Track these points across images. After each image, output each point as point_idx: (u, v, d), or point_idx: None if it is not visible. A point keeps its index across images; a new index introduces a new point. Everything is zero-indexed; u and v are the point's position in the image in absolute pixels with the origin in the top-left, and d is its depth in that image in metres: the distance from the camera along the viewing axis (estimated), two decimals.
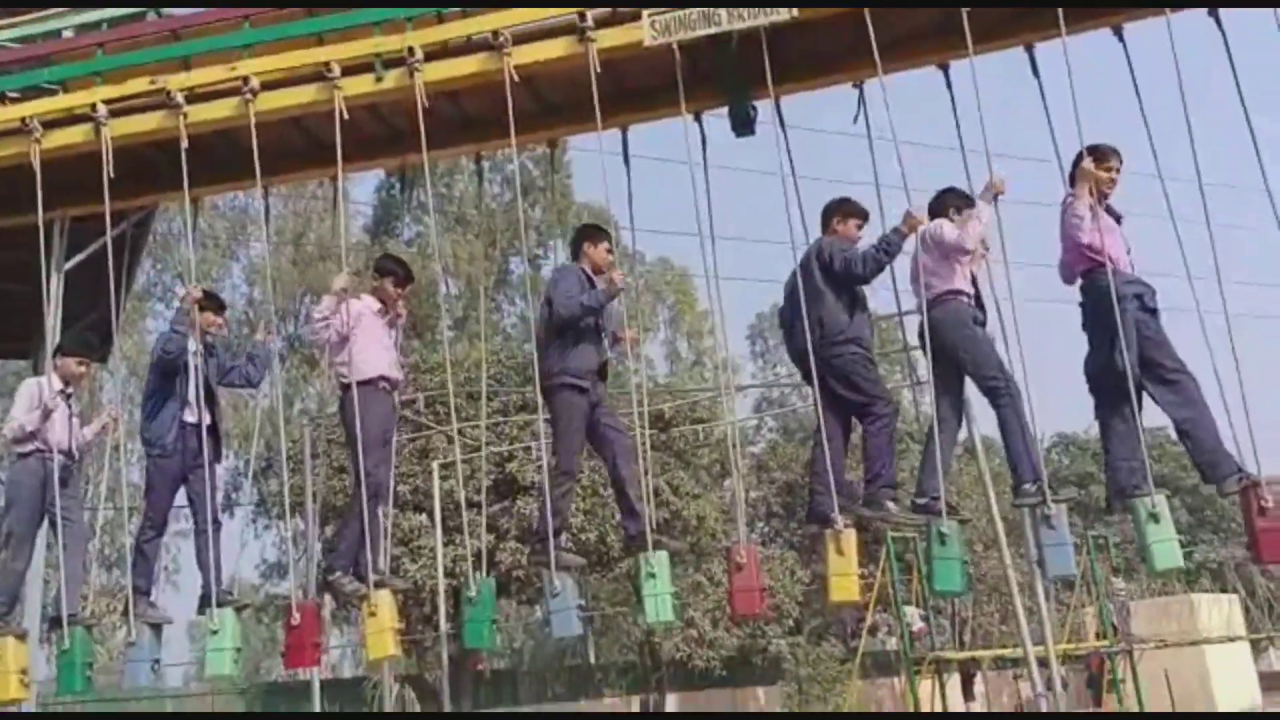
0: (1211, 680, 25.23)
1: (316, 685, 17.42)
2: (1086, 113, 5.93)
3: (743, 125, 6.84)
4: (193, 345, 6.76)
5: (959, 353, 6.17)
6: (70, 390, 7.18)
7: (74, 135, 6.81)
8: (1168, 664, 23.83)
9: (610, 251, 6.69)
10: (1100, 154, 6.07)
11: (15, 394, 7.37)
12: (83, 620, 6.68)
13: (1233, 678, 25.97)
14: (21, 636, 6.58)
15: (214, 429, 6.87)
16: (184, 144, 6.51)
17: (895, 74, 6.48)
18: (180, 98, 6.51)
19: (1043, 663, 14.83)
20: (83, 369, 7.33)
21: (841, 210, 6.53)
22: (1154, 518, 5.42)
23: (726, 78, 6.58)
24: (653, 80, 6.64)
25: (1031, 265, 9.26)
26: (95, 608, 8.85)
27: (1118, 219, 6.18)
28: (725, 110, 6.81)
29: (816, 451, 6.14)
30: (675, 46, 6.11)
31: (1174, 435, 6.22)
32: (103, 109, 6.64)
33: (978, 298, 6.34)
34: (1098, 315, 5.91)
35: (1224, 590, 30.10)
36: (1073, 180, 6.06)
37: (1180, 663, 24.26)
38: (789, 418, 36.25)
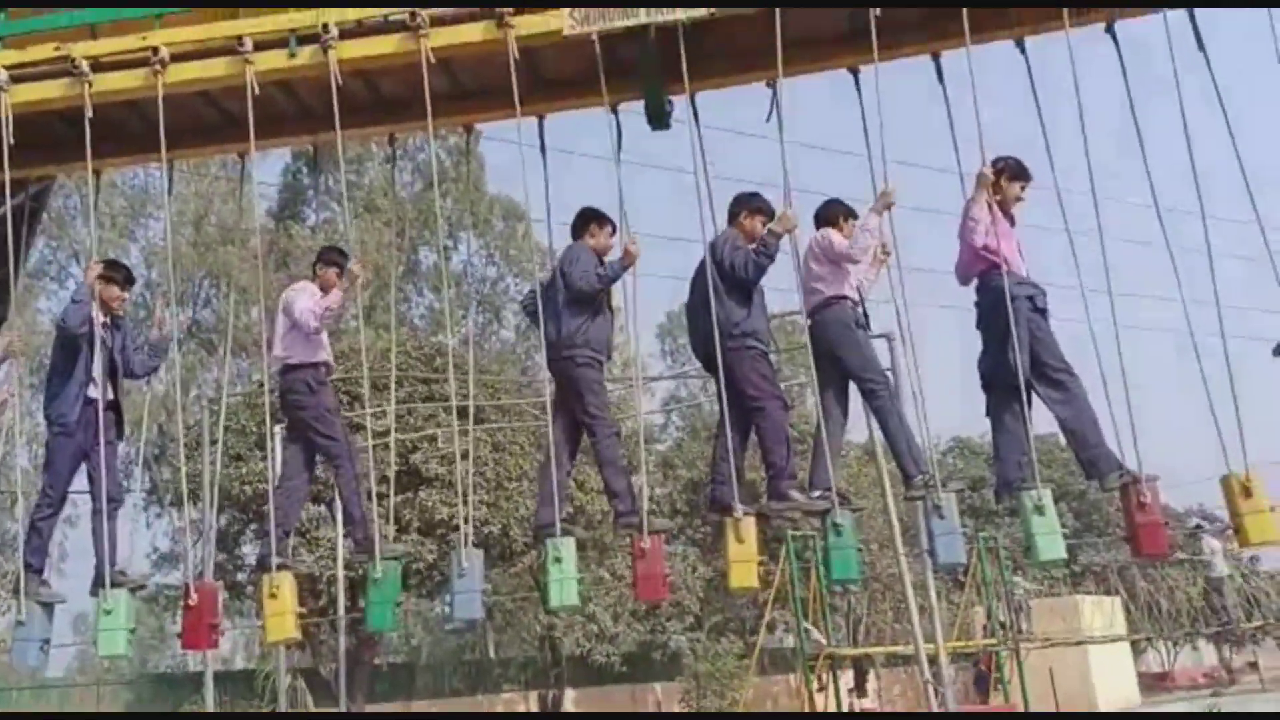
0: (1093, 678, 26.22)
1: (210, 675, 17.03)
2: (995, 122, 6.17)
3: (658, 119, 6.93)
4: (98, 318, 6.59)
5: (841, 352, 6.41)
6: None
7: None
8: (1052, 662, 24.68)
9: (613, 235, 6.70)
10: (1015, 173, 6.40)
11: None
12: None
13: (1114, 676, 27.03)
14: None
15: (116, 405, 6.73)
16: (88, 114, 6.34)
17: (806, 74, 6.67)
18: (85, 66, 6.34)
19: (933, 660, 15.26)
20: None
21: (750, 205, 6.65)
22: (1039, 510, 5.65)
23: (643, 71, 6.65)
24: (571, 70, 6.68)
25: (929, 271, 9.55)
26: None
27: (1012, 222, 6.45)
28: (641, 104, 6.90)
29: (718, 442, 6.26)
30: (594, 37, 6.14)
31: (1063, 441, 6.51)
32: (3, 74, 6.43)
33: (862, 304, 6.59)
34: (993, 315, 6.15)
35: (1108, 593, 31.23)
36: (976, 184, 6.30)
37: (1064, 662, 25.15)
38: (695, 415, 36.58)
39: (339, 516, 17.04)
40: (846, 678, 23.90)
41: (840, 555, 5.80)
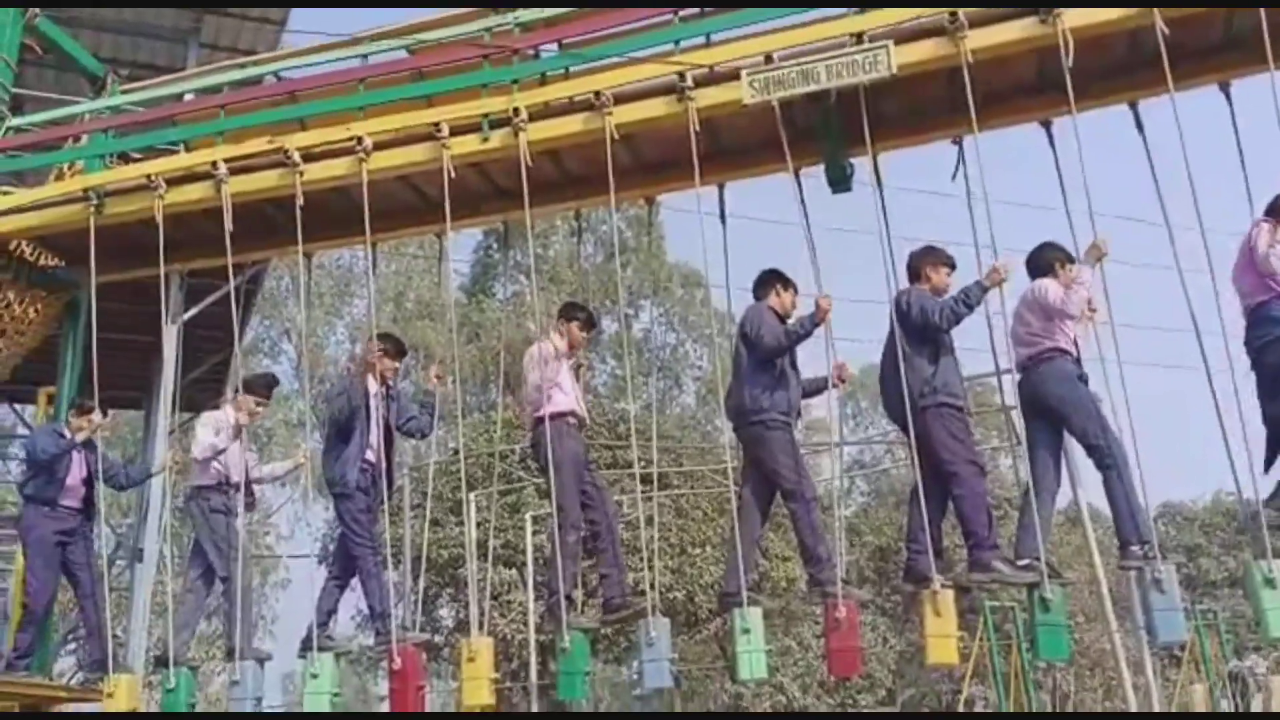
0: None
1: None
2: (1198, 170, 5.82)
3: (839, 182, 6.86)
4: (374, 388, 6.97)
5: (1063, 408, 6.03)
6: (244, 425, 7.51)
7: (195, 192, 7.16)
8: None
9: (796, 296, 6.66)
10: None
11: (199, 424, 7.73)
12: (187, 661, 6.88)
13: None
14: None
15: (389, 471, 7.08)
16: (299, 200, 6.79)
17: (996, 128, 6.48)
18: (297, 156, 6.80)
19: None
20: (260, 409, 7.68)
21: (930, 258, 6.42)
22: (1270, 583, 5.20)
23: (824, 135, 6.62)
24: (749, 138, 6.72)
25: (1135, 328, 9.04)
26: (196, 653, 9.07)
27: None
28: (821, 168, 6.86)
29: (913, 509, 6.03)
30: (775, 104, 6.15)
31: None
32: (223, 167, 6.96)
33: (1079, 360, 6.21)
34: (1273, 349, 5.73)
35: None
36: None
37: None
38: (881, 480, 35.67)
39: (530, 581, 17.36)
40: None
41: (1048, 632, 5.48)
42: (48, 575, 7.44)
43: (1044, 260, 6.31)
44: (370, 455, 6.87)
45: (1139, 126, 6.27)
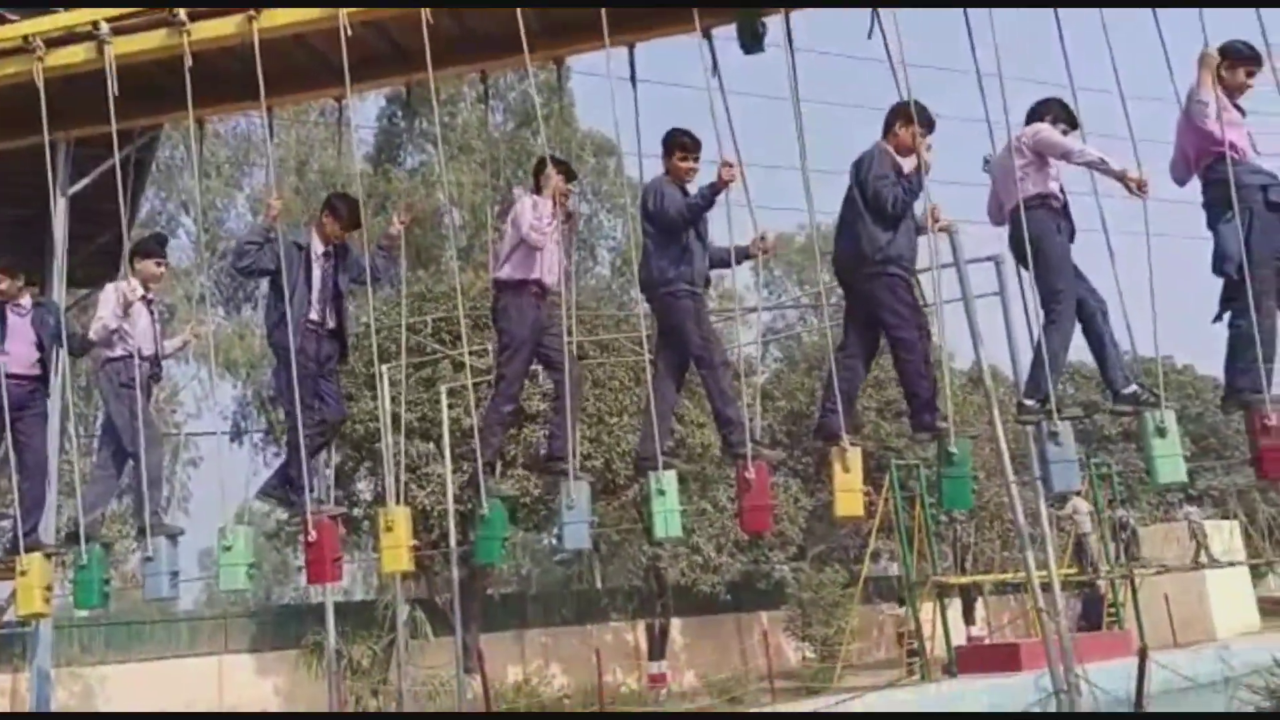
0: (1211, 604, 25.60)
1: (330, 607, 17.68)
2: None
3: (752, 42, 6.74)
4: (319, 248, 6.80)
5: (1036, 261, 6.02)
6: (150, 295, 7.24)
7: (77, 54, 6.74)
8: (1168, 589, 24.16)
9: (683, 159, 6.49)
10: (1241, 57, 5.89)
11: (99, 299, 7.34)
12: (100, 538, 6.80)
13: (1233, 602, 26.34)
14: (49, 555, 6.69)
15: (339, 331, 6.91)
16: (188, 62, 6.45)
17: None
18: (183, 14, 6.44)
19: (1045, 587, 15.00)
20: (160, 269, 7.40)
21: (905, 115, 6.23)
22: (1160, 432, 5.46)
23: None
24: None
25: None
26: (108, 531, 8.95)
27: (1241, 113, 6.01)
28: (734, 29, 6.73)
29: (835, 368, 6.15)
30: None
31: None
32: (105, 26, 6.57)
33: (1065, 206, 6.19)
34: (1227, 209, 5.70)
35: (1225, 517, 30.34)
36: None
37: (1181, 588, 24.60)
38: (793, 347, 36.31)
39: (448, 454, 17.46)
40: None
41: (953, 484, 5.71)
42: None
43: (1042, 110, 6.25)
44: (314, 315, 6.70)
45: None
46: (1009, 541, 25.02)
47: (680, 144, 6.51)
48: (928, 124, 6.28)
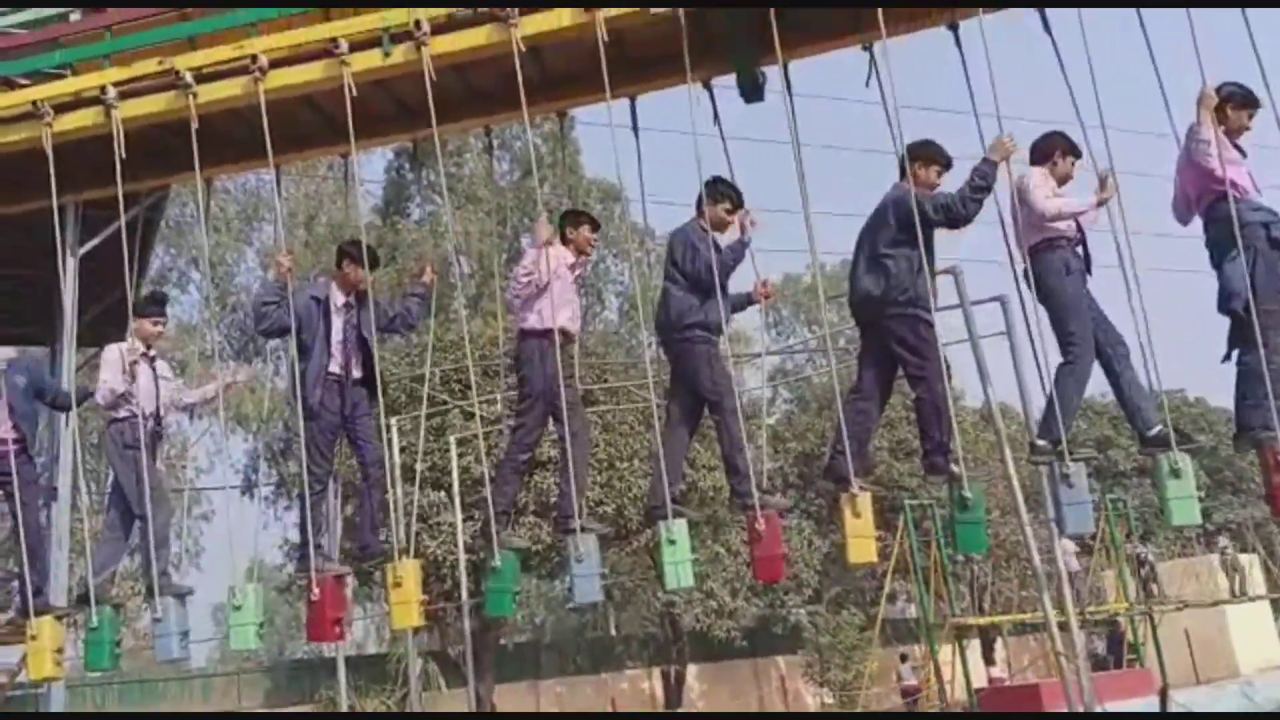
0: (1233, 639, 25.26)
1: (342, 661, 17.57)
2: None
3: (752, 91, 6.80)
4: (339, 299, 6.82)
5: (1049, 305, 6.00)
6: (152, 352, 7.25)
7: (84, 118, 6.80)
8: (1189, 624, 23.85)
9: (729, 211, 6.54)
10: (1242, 100, 5.94)
11: (101, 362, 7.35)
12: (110, 599, 6.77)
13: (1255, 637, 26.00)
14: (59, 617, 6.67)
15: (369, 381, 6.93)
16: (194, 124, 6.51)
17: (904, 35, 6.46)
18: (189, 77, 6.50)
19: (1063, 627, 14.83)
20: (158, 328, 7.42)
21: (924, 154, 6.24)
22: (1175, 473, 5.41)
23: (734, 44, 6.53)
24: (660, 49, 6.58)
25: None
26: (119, 590, 8.92)
27: (1242, 154, 6.03)
28: (734, 79, 6.79)
29: (847, 408, 6.10)
30: (680, 14, 6.04)
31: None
32: (112, 91, 6.63)
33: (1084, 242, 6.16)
34: (1230, 246, 5.70)
35: (1244, 550, 30.03)
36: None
37: (1202, 623, 24.29)
38: (803, 387, 36.24)
39: (458, 502, 17.40)
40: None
41: (967, 529, 5.66)
42: None
43: (1046, 147, 6.25)
44: (335, 367, 6.72)
45: (1046, 28, 6.28)
46: (1026, 581, 24.78)
47: (728, 196, 6.55)
48: (945, 163, 6.29)
